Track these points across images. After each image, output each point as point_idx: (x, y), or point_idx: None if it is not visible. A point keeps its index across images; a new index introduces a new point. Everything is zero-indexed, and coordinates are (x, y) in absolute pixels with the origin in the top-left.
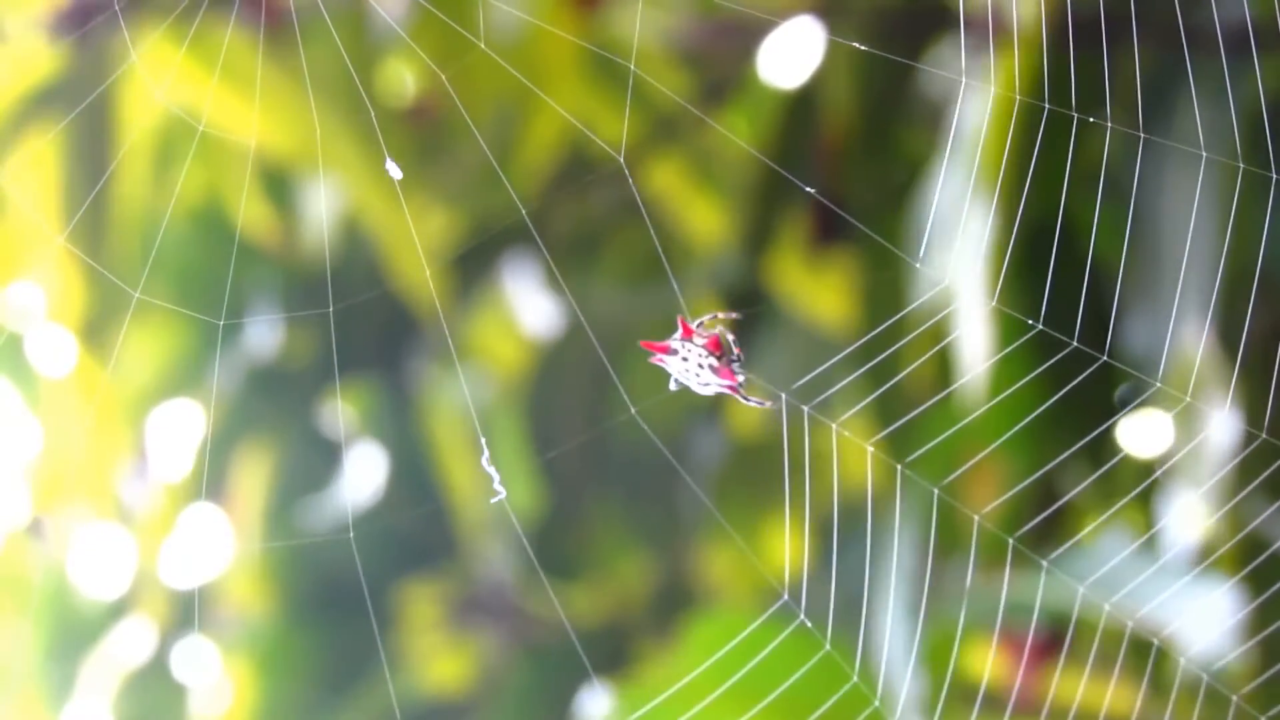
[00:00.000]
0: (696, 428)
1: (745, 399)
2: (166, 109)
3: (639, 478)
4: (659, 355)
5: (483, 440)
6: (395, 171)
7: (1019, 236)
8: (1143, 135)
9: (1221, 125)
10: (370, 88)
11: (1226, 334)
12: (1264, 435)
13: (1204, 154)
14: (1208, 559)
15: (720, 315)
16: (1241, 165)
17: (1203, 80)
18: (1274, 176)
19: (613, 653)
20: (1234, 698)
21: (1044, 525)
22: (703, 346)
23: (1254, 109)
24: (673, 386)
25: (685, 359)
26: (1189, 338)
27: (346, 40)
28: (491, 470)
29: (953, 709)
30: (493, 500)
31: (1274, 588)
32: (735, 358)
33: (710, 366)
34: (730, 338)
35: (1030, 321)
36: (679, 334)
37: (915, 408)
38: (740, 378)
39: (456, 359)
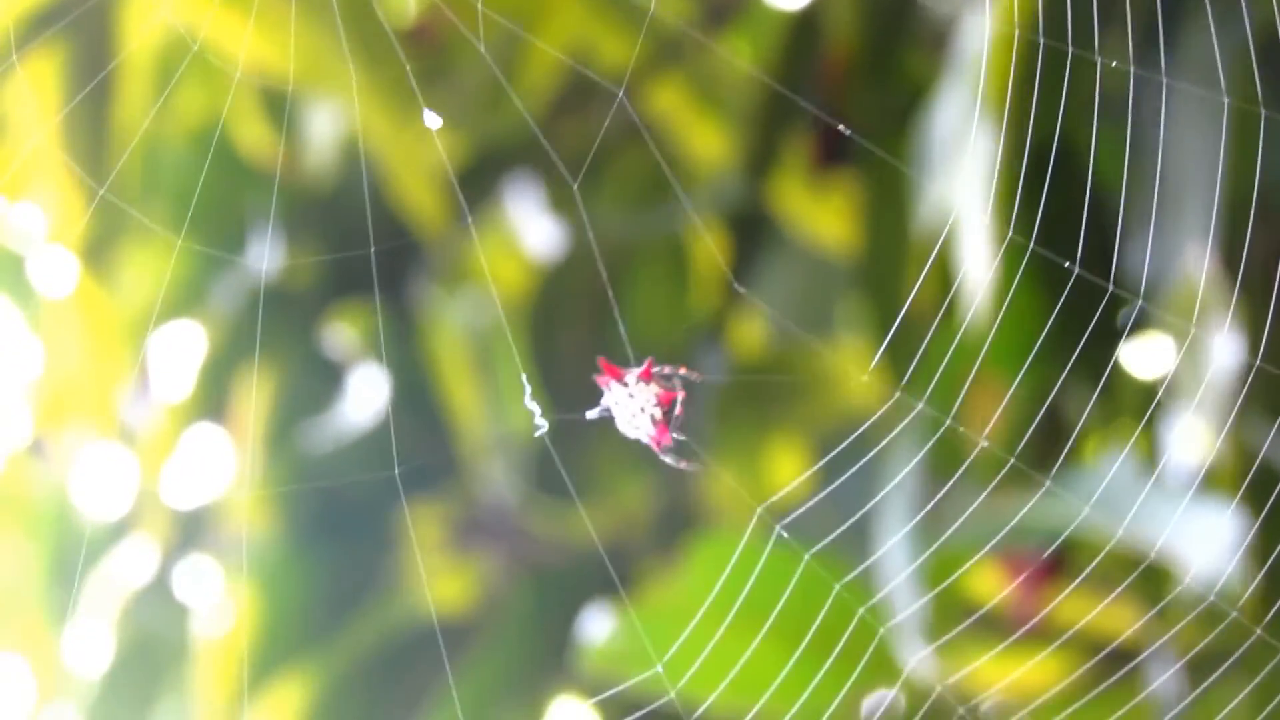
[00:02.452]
0: (697, 349)
1: (662, 455)
2: (168, 31)
3: None
4: (607, 378)
5: (523, 377)
6: (433, 121)
7: (1020, 160)
8: (1135, 71)
9: (1225, 58)
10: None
11: (1227, 258)
12: (1258, 362)
13: (1224, 99)
14: (1208, 480)
15: (684, 372)
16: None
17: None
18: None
19: (616, 573)
20: (1234, 612)
21: (1045, 447)
22: (655, 394)
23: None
24: (592, 414)
25: (632, 396)
26: (1191, 262)
27: None
28: (533, 406)
29: (953, 630)
30: (536, 434)
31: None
32: (678, 421)
33: (651, 417)
34: (680, 397)
35: (1033, 245)
36: (638, 371)
37: (916, 331)
38: (672, 439)
39: (466, 279)
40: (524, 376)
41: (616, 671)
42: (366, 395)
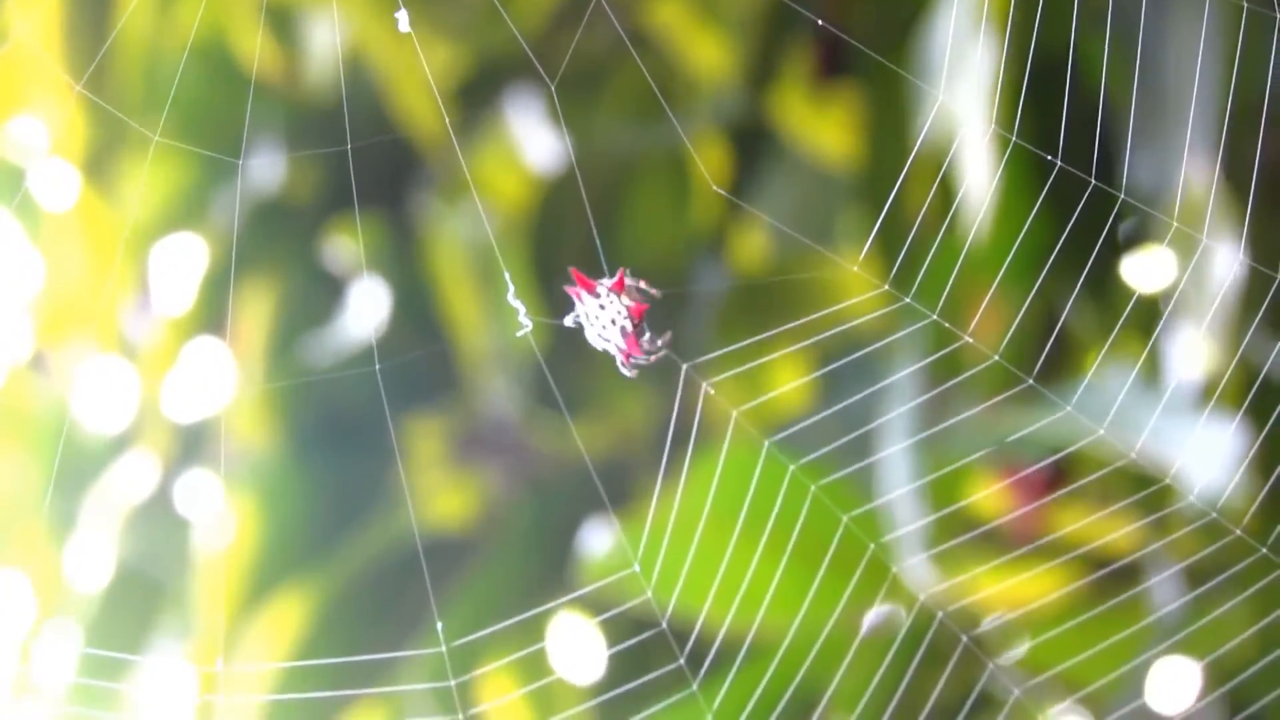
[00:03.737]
0: (698, 260)
1: (625, 368)
2: None
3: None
4: (579, 289)
5: (507, 275)
6: (404, 23)
7: (1024, 70)
8: None
9: None
10: None
11: (1232, 170)
12: (1247, 261)
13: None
14: (1211, 395)
15: (643, 285)
16: (1246, 4)
17: None
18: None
19: (615, 488)
20: (1236, 530)
21: (1048, 360)
22: (627, 307)
23: None
24: (568, 321)
25: (604, 307)
26: (1195, 173)
27: None
28: (518, 304)
29: (954, 543)
30: (518, 334)
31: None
32: (646, 334)
33: (622, 328)
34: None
35: (1034, 149)
36: (611, 282)
37: (918, 242)
38: (642, 355)
39: (466, 191)
40: (508, 275)
41: (616, 586)
42: (366, 308)
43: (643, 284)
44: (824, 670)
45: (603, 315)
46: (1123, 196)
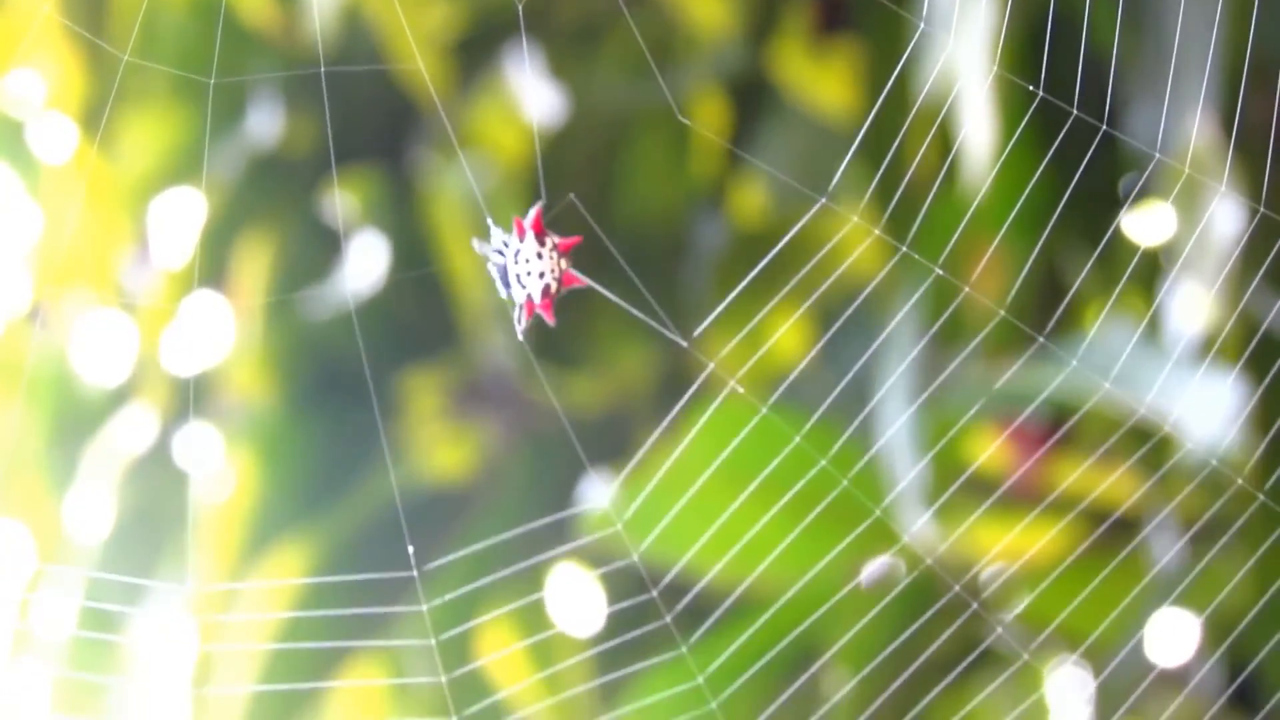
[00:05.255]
0: (697, 215)
1: (519, 321)
2: None
3: (641, 263)
4: (530, 227)
5: (489, 220)
6: None
7: (1026, 22)
8: None
9: None
10: None
11: (1236, 124)
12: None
13: None
14: (1211, 347)
15: (565, 253)
16: None
17: None
18: None
19: (614, 441)
20: (1238, 480)
21: (1048, 313)
22: (563, 269)
23: None
24: (477, 245)
25: (540, 256)
26: (1194, 125)
27: None
28: (483, 248)
29: (953, 496)
30: (489, 268)
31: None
32: (557, 293)
33: (547, 286)
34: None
35: (1032, 88)
36: (563, 241)
37: (919, 195)
38: (549, 318)
39: (464, 146)
40: (489, 220)
41: (615, 539)
42: (365, 262)
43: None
44: (821, 626)
45: (534, 264)
46: (1120, 151)
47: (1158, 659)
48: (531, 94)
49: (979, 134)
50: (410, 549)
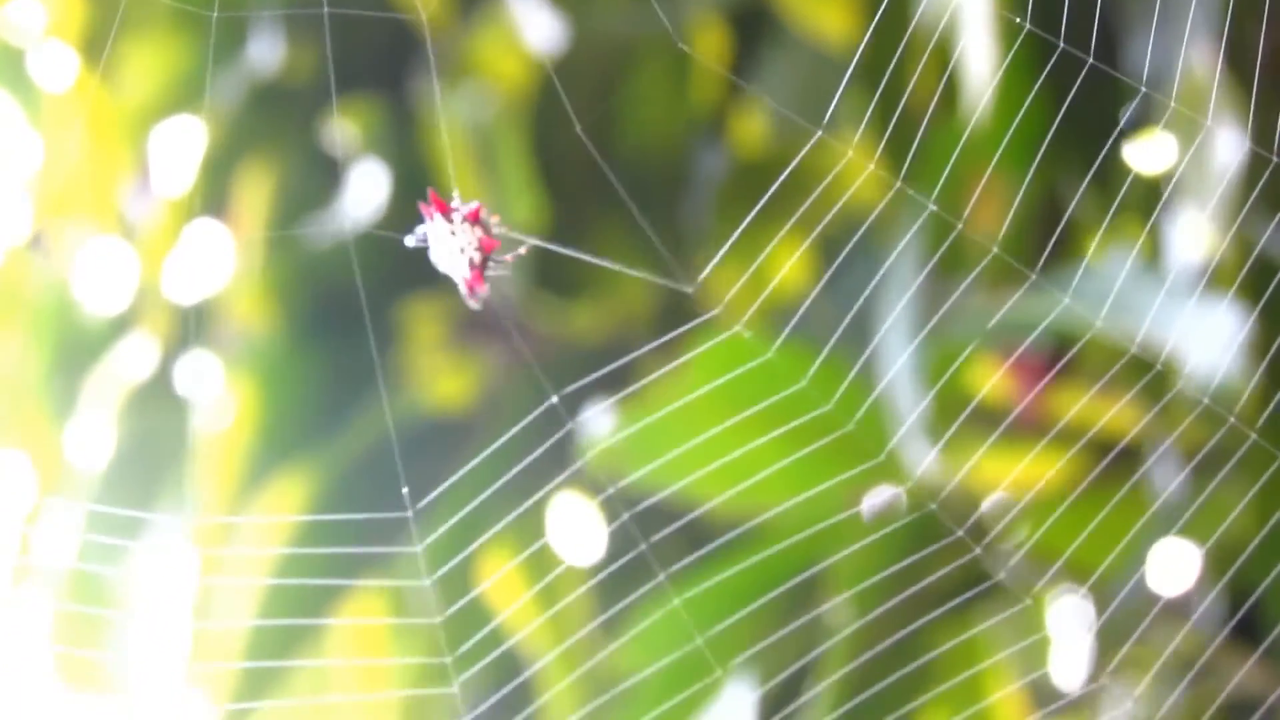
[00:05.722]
0: (698, 144)
1: (469, 299)
2: None
3: (642, 193)
4: (431, 209)
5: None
6: None
7: None
8: None
9: None
10: None
11: (1233, 53)
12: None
13: None
14: (1211, 279)
15: (499, 224)
16: None
17: None
18: None
19: (614, 372)
20: (1231, 419)
21: (1048, 244)
22: (478, 238)
23: None
24: (409, 241)
25: (453, 234)
26: (1195, 56)
27: None
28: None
29: (954, 427)
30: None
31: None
32: (489, 268)
33: (470, 259)
34: (510, 257)
35: (1035, 30)
36: (465, 210)
37: (918, 125)
38: (485, 288)
39: (465, 74)
40: (456, 193)
41: (616, 469)
42: (366, 191)
43: (496, 220)
44: (819, 559)
45: (451, 241)
46: (1122, 81)
47: (1160, 589)
48: (532, 21)
49: (978, 63)
50: (405, 490)
